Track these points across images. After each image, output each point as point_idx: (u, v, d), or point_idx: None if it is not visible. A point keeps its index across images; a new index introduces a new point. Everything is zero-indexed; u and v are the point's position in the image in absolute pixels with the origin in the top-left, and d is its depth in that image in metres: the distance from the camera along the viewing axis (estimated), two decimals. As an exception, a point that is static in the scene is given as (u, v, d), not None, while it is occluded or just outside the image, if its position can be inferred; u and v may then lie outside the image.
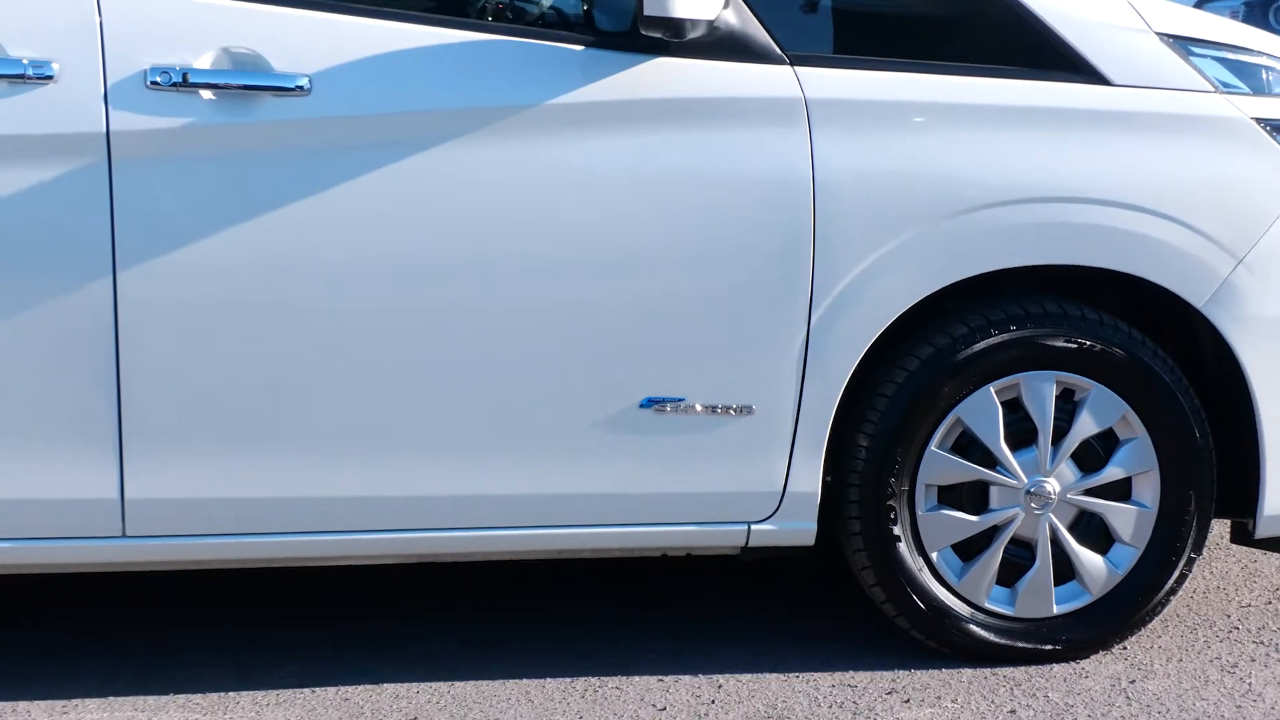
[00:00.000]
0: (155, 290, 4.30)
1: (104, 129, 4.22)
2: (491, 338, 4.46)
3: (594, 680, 4.65)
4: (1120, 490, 4.72)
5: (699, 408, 4.50)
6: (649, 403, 4.49)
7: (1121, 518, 4.71)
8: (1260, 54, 4.84)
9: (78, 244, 4.25)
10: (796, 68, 4.46)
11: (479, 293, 4.44)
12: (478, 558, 4.96)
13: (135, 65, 4.23)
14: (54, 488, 4.36)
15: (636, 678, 4.67)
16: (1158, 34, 4.69)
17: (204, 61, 4.25)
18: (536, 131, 4.40)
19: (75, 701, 4.52)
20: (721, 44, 4.43)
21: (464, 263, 4.41)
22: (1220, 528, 5.07)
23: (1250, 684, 4.63)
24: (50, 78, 4.18)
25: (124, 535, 4.39)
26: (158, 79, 4.21)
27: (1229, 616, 5.09)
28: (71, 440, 4.35)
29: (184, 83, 4.23)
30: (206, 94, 4.24)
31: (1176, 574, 4.75)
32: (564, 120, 4.41)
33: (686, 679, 4.65)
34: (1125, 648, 4.82)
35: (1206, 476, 4.72)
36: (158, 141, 4.26)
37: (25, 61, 4.18)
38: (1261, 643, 4.91)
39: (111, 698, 4.55)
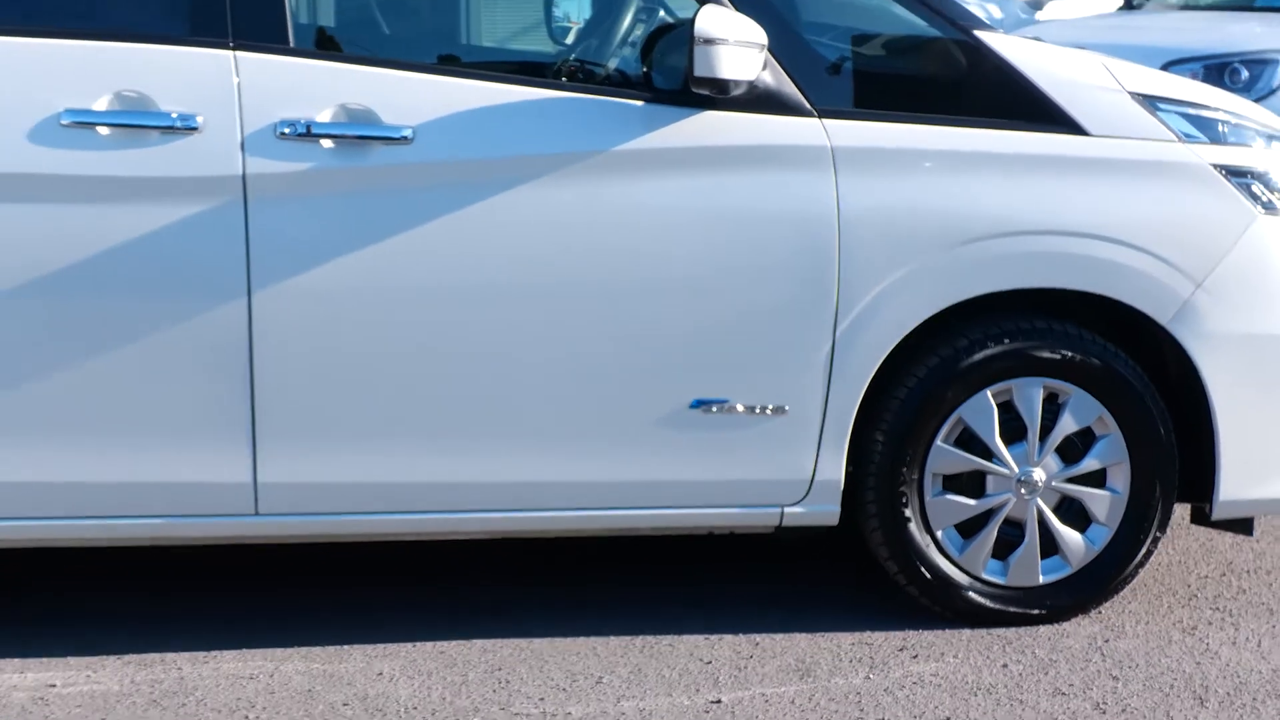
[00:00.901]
0: (283, 308, 4.36)
1: (241, 172, 4.30)
2: (566, 350, 4.50)
3: (650, 638, 4.68)
4: (1097, 478, 4.75)
5: (740, 408, 4.53)
6: (697, 404, 4.52)
7: (1098, 502, 4.75)
8: (1217, 109, 4.86)
9: (218, 269, 4.33)
10: (824, 120, 4.51)
11: (553, 311, 4.48)
12: (557, 534, 4.98)
13: (267, 118, 4.31)
14: (198, 473, 4.43)
15: (686, 636, 4.69)
16: (1129, 92, 4.72)
17: (325, 115, 4.33)
18: (603, 173, 4.45)
19: (214, 653, 4.60)
20: (760, 99, 4.46)
21: (544, 285, 4.46)
22: (1182, 511, 5.05)
23: (1208, 644, 4.67)
24: (195, 129, 4.27)
25: (256, 514, 4.47)
26: (286, 130, 4.30)
27: (1189, 586, 5.12)
28: (212, 434, 4.42)
29: (308, 133, 4.31)
30: (327, 143, 4.32)
31: (1144, 550, 4.78)
32: (626, 164, 4.46)
33: (728, 638, 4.68)
34: (1100, 612, 4.86)
35: (1170, 467, 4.74)
36: (285, 183, 4.34)
37: (174, 115, 4.26)
38: (1217, 609, 4.94)
39: (244, 650, 4.62)
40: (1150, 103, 4.74)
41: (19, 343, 4.33)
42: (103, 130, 4.27)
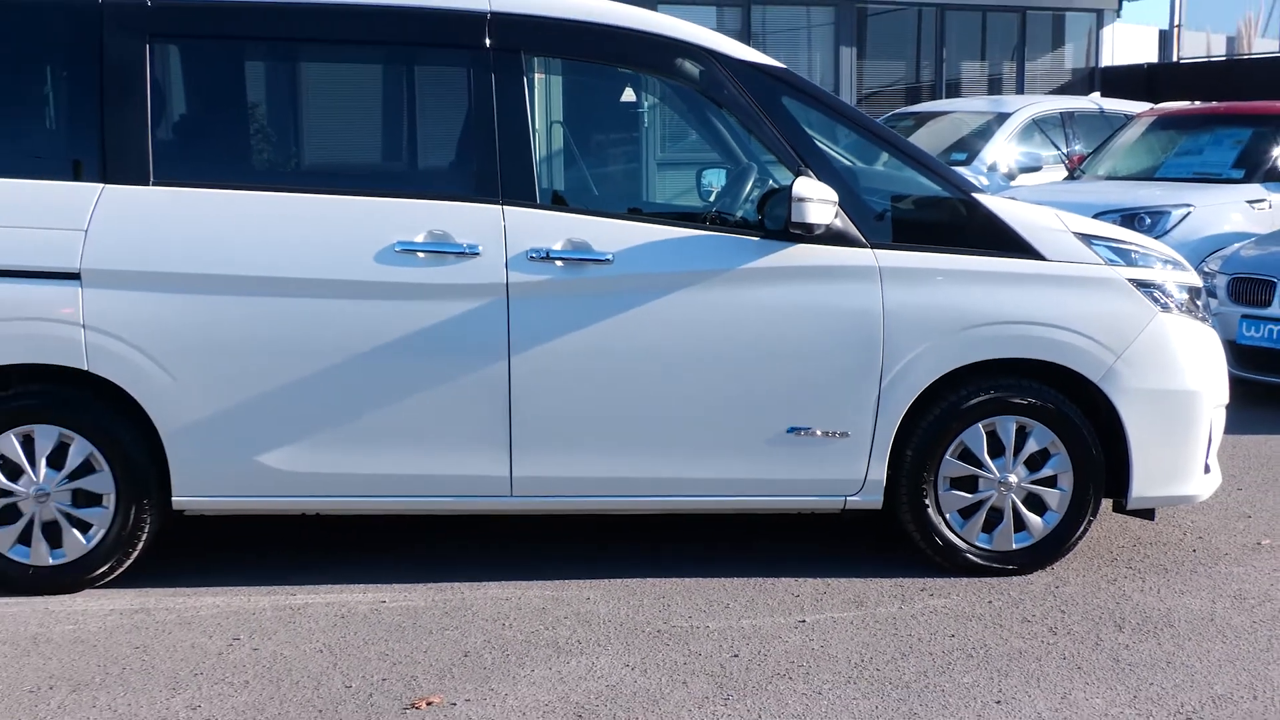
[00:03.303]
0: (529, 366, 4.55)
1: (505, 281, 4.52)
2: (708, 393, 4.64)
3: (759, 579, 4.81)
4: (1051, 481, 4.84)
5: (819, 432, 4.70)
6: (791, 429, 4.69)
7: (1051, 497, 4.85)
8: (1130, 243, 4.94)
9: (490, 341, 4.54)
10: (874, 249, 4.67)
11: (702, 369, 4.62)
12: (704, 513, 5.09)
13: (522, 247, 4.53)
14: (474, 469, 4.63)
15: (782, 579, 4.84)
16: (1073, 232, 4.82)
17: (557, 245, 4.55)
18: (733, 282, 4.61)
19: (483, 583, 4.77)
20: (833, 236, 4.63)
21: (696, 353, 4.61)
22: (1106, 503, 5.10)
23: (1124, 590, 4.78)
24: (478, 254, 4.52)
25: (511, 495, 4.67)
26: (533, 255, 4.53)
27: (1111, 553, 5.19)
28: (484, 444, 4.61)
29: (547, 257, 4.53)
30: (559, 263, 4.54)
31: (1082, 528, 4.88)
32: (748, 277, 4.61)
33: (809, 580, 4.84)
34: (1053, 568, 4.96)
35: (1099, 474, 4.82)
36: (532, 288, 4.54)
37: (465, 245, 4.52)
38: (1130, 567, 5.03)
39: (503, 581, 4.77)
40: (1086, 239, 4.83)
41: (365, 385, 4.53)
42: (420, 254, 4.52)
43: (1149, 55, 23.38)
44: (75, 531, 4.66)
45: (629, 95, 6.84)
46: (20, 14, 4.57)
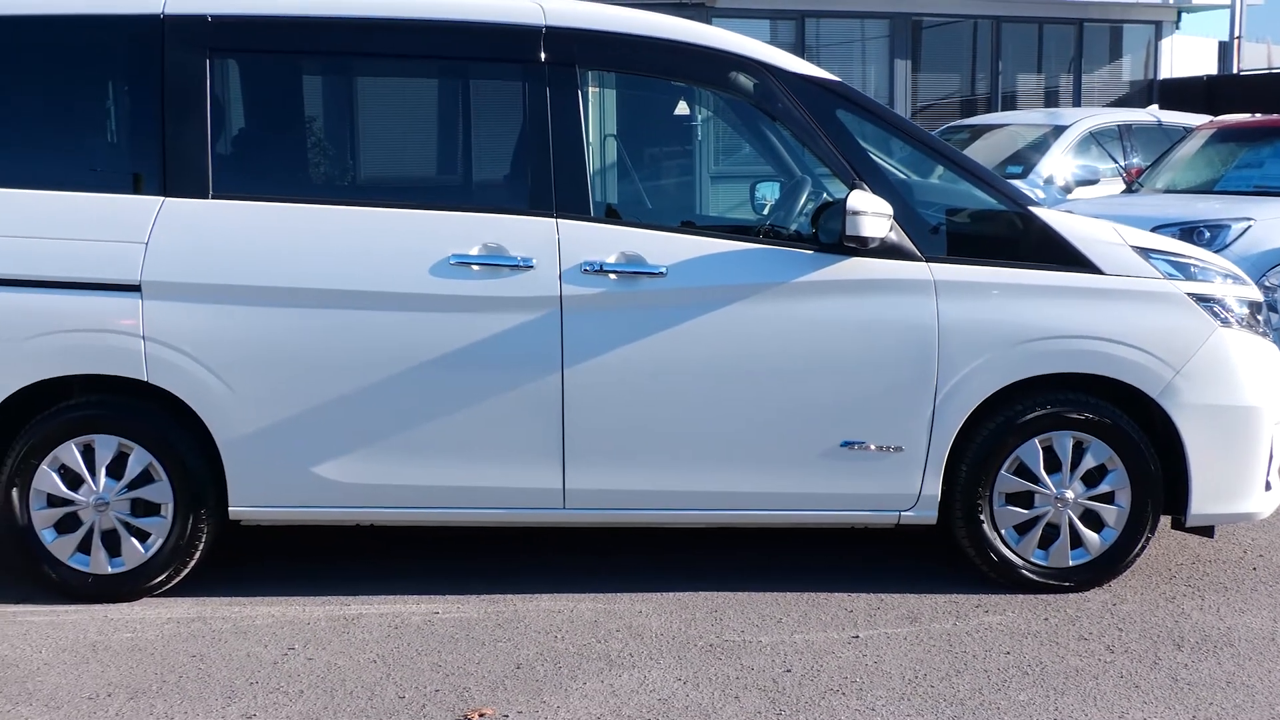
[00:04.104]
0: (583, 378, 4.57)
1: (559, 294, 4.54)
2: (762, 407, 4.63)
3: (811, 594, 4.82)
4: (1108, 498, 4.78)
5: (873, 447, 4.68)
6: (845, 443, 4.67)
7: (1109, 514, 4.80)
8: (1189, 258, 4.89)
9: (544, 353, 4.56)
10: (929, 263, 4.66)
11: (756, 382, 4.62)
12: (757, 527, 5.06)
13: (575, 260, 4.55)
14: (527, 481, 4.65)
15: (835, 594, 4.82)
16: (1131, 246, 4.79)
17: (611, 258, 4.56)
18: (786, 295, 4.60)
19: (535, 595, 4.79)
20: (888, 250, 4.62)
21: (749, 366, 4.60)
22: (1165, 520, 5.06)
23: (1183, 608, 4.73)
24: (531, 266, 4.54)
25: (564, 508, 4.69)
26: (587, 268, 4.54)
27: (1169, 570, 5.13)
28: (537, 457, 4.63)
29: (600, 270, 4.55)
30: (612, 276, 4.56)
31: (1140, 545, 4.83)
32: (802, 290, 4.60)
33: (863, 595, 4.81)
34: (1110, 585, 4.91)
35: (1157, 491, 4.78)
36: (586, 301, 4.56)
37: (519, 258, 4.54)
38: (1189, 585, 4.98)
39: (555, 593, 4.79)
40: (1144, 253, 4.80)
41: (419, 396, 4.56)
42: (475, 267, 4.55)
43: (1208, 67, 23.14)
44: (134, 540, 4.73)
45: (682, 108, 6.86)
46: (83, 30, 4.67)
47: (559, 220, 4.59)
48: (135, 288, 4.52)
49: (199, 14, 4.65)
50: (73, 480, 4.68)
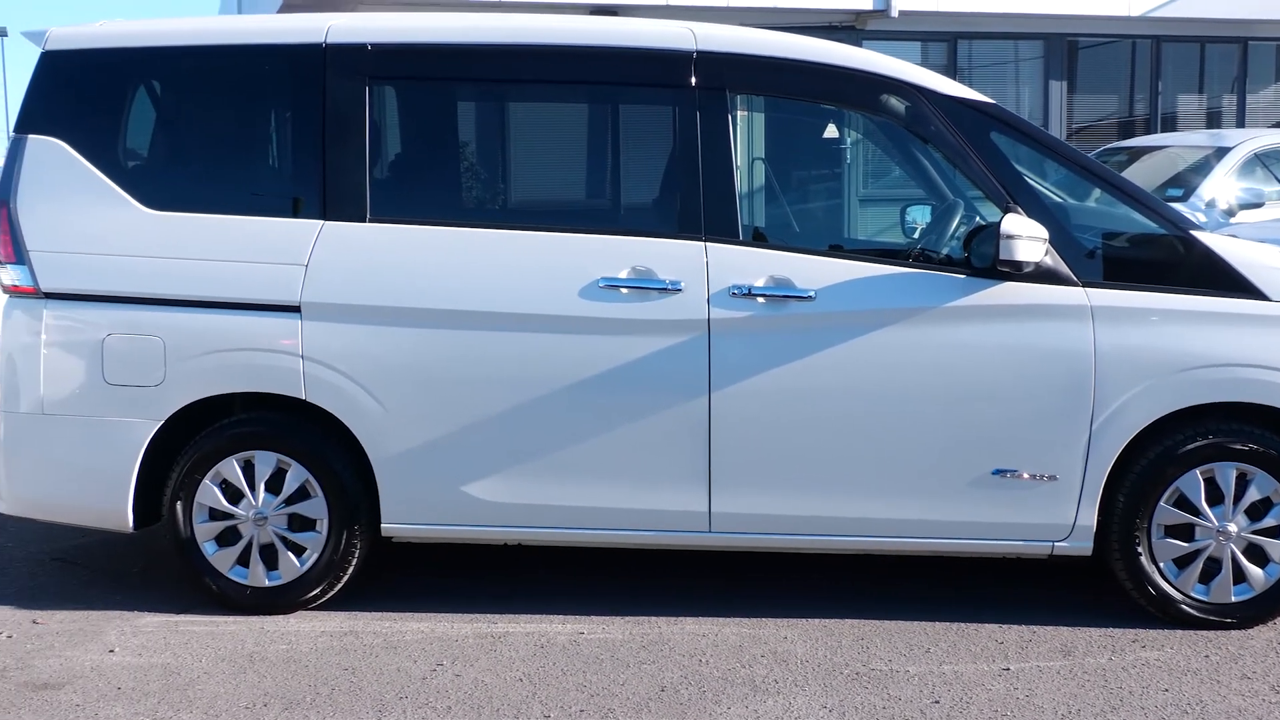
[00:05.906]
0: (730, 402, 4.58)
1: (706, 317, 4.57)
2: (912, 433, 4.59)
3: (960, 624, 4.77)
4: (1275, 532, 4.65)
5: (1026, 475, 4.61)
6: (997, 472, 4.62)
7: (1274, 548, 4.66)
8: None
9: (691, 376, 4.58)
10: (1085, 288, 4.58)
11: (905, 407, 4.58)
12: (907, 554, 4.99)
13: (724, 283, 4.57)
14: (672, 504, 4.66)
15: (985, 625, 4.77)
16: None
17: (759, 281, 4.57)
18: (938, 320, 4.57)
19: (680, 618, 4.80)
20: (1043, 274, 4.55)
21: (898, 391, 4.57)
22: None
23: None
24: (680, 290, 4.58)
25: (709, 531, 4.70)
26: (735, 291, 4.56)
27: None
28: (683, 480, 4.65)
29: (749, 293, 4.56)
30: (760, 299, 4.57)
31: None
32: (954, 315, 4.57)
33: (1014, 627, 4.74)
34: (1275, 623, 4.77)
35: None
36: (734, 324, 4.57)
37: (668, 281, 4.59)
38: None
39: (700, 617, 4.80)
40: None
41: (568, 418, 4.62)
42: (624, 290, 4.60)
43: (1382, 85, 22.23)
44: (290, 554, 4.86)
45: (831, 131, 6.84)
46: (250, 60, 4.86)
47: (708, 244, 4.62)
48: (295, 308, 4.67)
49: (359, 43, 4.80)
50: (233, 495, 4.84)
